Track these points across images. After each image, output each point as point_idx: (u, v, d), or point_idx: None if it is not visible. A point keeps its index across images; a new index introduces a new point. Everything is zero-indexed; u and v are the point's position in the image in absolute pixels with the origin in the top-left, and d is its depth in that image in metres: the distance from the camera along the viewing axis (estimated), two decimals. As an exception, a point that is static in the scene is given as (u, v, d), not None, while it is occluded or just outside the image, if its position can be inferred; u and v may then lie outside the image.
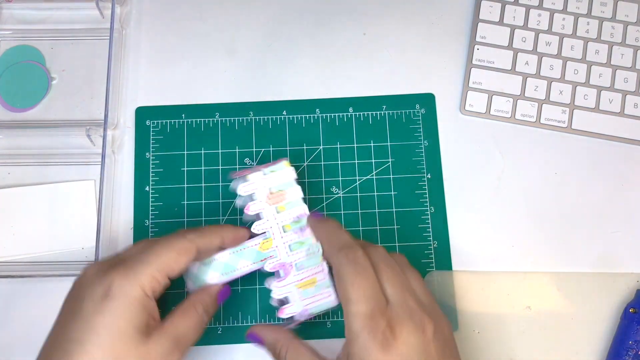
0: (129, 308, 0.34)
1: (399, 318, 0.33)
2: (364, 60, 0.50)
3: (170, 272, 0.36)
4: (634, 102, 0.49)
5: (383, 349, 0.32)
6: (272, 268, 0.40)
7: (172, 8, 0.52)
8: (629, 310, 0.43)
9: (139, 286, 0.34)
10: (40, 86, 0.50)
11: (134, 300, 0.34)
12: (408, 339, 0.33)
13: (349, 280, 0.34)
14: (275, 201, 0.41)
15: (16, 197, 0.47)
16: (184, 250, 0.37)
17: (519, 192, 0.48)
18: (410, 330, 0.33)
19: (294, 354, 0.36)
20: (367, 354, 0.32)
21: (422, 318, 0.34)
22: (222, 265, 0.40)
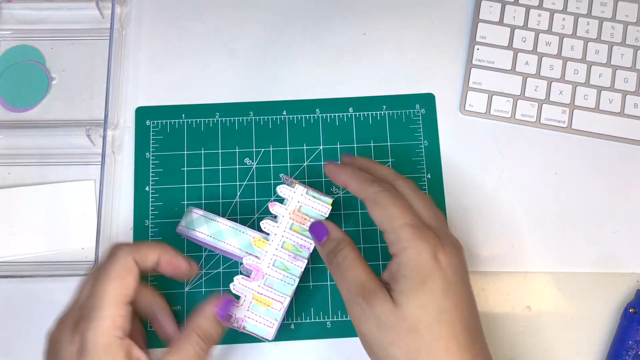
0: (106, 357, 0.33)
1: (439, 233, 0.35)
2: (364, 60, 0.50)
3: (126, 298, 0.36)
4: (634, 102, 0.49)
5: (434, 256, 0.34)
6: (248, 264, 0.40)
7: (172, 8, 0.52)
8: (629, 310, 0.43)
9: (106, 334, 0.34)
10: (40, 86, 0.50)
11: (109, 347, 0.34)
12: (450, 251, 0.35)
13: (389, 202, 0.36)
14: (296, 220, 0.41)
15: (16, 197, 0.47)
16: (124, 272, 0.36)
17: (519, 192, 0.48)
18: (451, 246, 0.35)
19: (355, 256, 0.37)
20: (422, 259, 0.34)
21: (454, 241, 0.36)
22: (217, 230, 0.40)
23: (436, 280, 0.33)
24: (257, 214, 0.46)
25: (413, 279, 0.34)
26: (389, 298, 0.34)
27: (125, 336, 0.35)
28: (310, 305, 0.45)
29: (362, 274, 0.36)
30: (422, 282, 0.33)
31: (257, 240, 0.41)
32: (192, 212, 0.42)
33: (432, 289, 0.33)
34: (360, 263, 0.36)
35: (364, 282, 0.35)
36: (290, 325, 0.45)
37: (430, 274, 0.33)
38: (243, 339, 0.44)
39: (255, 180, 0.47)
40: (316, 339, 0.44)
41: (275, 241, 0.41)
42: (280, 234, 0.41)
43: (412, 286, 0.33)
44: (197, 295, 0.45)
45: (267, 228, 0.41)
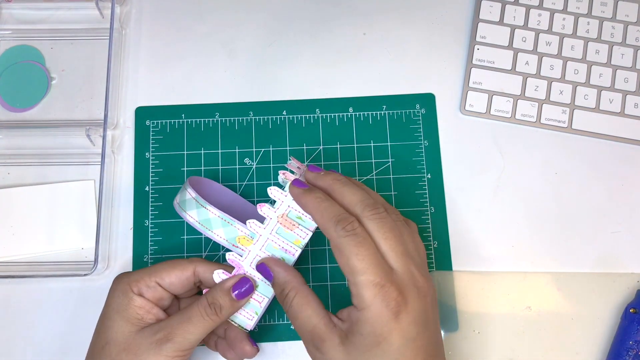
0: (115, 299, 0.38)
1: (405, 285, 0.34)
2: (364, 60, 0.50)
3: (160, 280, 0.39)
4: (634, 102, 0.49)
5: (395, 316, 0.33)
6: (230, 260, 0.40)
7: (172, 8, 0.52)
8: (629, 310, 0.43)
9: (126, 283, 0.38)
10: (40, 86, 0.50)
11: (119, 293, 0.38)
12: (414, 305, 0.34)
13: (352, 252, 0.34)
14: (283, 224, 0.40)
15: (16, 197, 0.47)
16: (179, 267, 0.39)
17: (519, 192, 0.48)
18: (415, 297, 0.34)
19: (301, 300, 0.36)
20: (381, 321, 0.33)
21: (422, 284, 0.35)
22: (206, 218, 0.40)
23: (393, 341, 0.33)
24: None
25: (369, 339, 0.33)
26: (339, 348, 0.34)
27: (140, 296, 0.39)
28: (310, 306, 0.45)
29: (310, 319, 0.35)
30: (377, 343, 0.33)
31: (241, 238, 0.40)
32: (187, 191, 0.41)
33: (387, 350, 0.33)
34: (309, 306, 0.36)
35: (313, 327, 0.35)
36: (290, 325, 0.45)
37: (387, 336, 0.33)
38: None
39: (255, 180, 0.47)
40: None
41: (259, 242, 0.40)
42: (265, 236, 0.39)
43: (367, 345, 0.33)
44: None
45: (253, 228, 0.40)
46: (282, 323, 0.45)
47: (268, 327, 0.45)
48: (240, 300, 0.38)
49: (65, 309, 0.45)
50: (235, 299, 0.38)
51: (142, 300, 0.38)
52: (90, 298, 0.45)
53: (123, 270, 0.46)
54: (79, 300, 0.45)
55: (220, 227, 0.40)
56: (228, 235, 0.40)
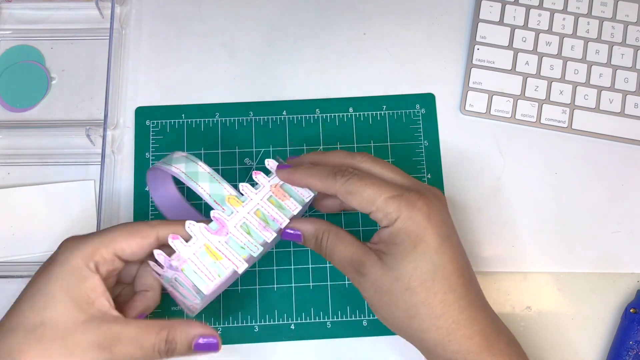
0: (63, 275, 0.33)
1: (421, 191, 0.36)
2: (364, 60, 0.50)
3: (120, 252, 0.35)
4: (635, 102, 0.49)
5: (426, 216, 0.34)
6: (215, 216, 0.37)
7: (172, 8, 0.52)
8: (630, 310, 0.43)
9: (79, 257, 0.34)
10: (40, 86, 0.50)
11: (70, 268, 0.34)
12: (437, 205, 0.36)
13: (361, 186, 0.35)
14: (276, 194, 0.39)
15: (16, 197, 0.47)
16: (139, 234, 0.36)
17: (519, 192, 0.48)
18: (434, 199, 0.36)
19: (334, 237, 0.37)
20: (413, 224, 0.34)
21: (436, 192, 0.37)
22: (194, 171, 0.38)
23: (429, 241, 0.34)
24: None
25: (405, 244, 0.34)
26: (378, 264, 0.35)
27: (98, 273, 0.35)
28: (310, 305, 0.45)
29: (347, 250, 0.37)
30: (414, 246, 0.34)
31: (231, 198, 0.38)
32: (175, 153, 0.39)
33: (425, 250, 0.34)
34: (342, 241, 0.37)
35: (351, 257, 0.36)
36: (290, 325, 0.45)
37: (422, 237, 0.34)
38: (243, 339, 0.44)
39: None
40: (316, 339, 0.44)
41: (249, 205, 0.38)
42: (256, 200, 0.38)
43: (404, 250, 0.34)
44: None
45: (245, 191, 0.38)
46: (282, 323, 0.45)
47: (268, 327, 0.45)
48: (197, 351, 0.34)
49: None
50: (194, 350, 0.34)
51: (96, 281, 0.34)
52: (90, 298, 0.45)
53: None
54: (79, 300, 0.45)
55: (207, 182, 0.38)
56: (213, 191, 0.38)
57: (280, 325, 0.45)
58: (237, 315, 0.45)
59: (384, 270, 0.35)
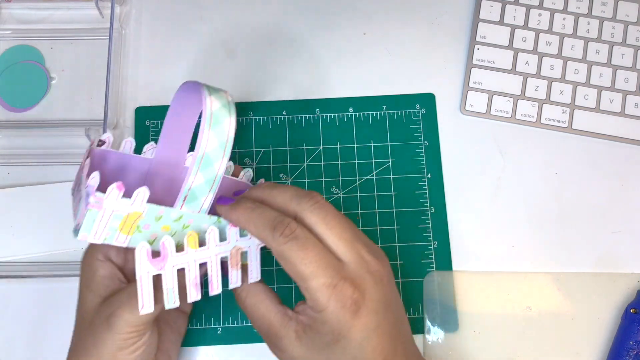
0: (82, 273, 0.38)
1: (359, 277, 0.33)
2: (364, 60, 0.50)
3: None
4: (635, 102, 0.49)
5: (354, 314, 0.32)
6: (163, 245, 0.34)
7: (172, 8, 0.52)
8: (630, 310, 0.43)
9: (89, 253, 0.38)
10: (40, 86, 0.50)
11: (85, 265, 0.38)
12: (372, 295, 0.33)
13: (297, 258, 0.32)
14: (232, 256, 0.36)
15: (16, 197, 0.47)
16: None
17: (519, 192, 0.48)
18: (372, 285, 0.33)
19: (253, 299, 0.36)
20: (340, 321, 0.32)
21: (376, 267, 0.34)
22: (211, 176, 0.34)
23: (353, 337, 0.32)
24: (257, 214, 0.46)
25: (327, 337, 0.32)
26: (296, 343, 0.33)
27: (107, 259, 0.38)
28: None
29: (265, 316, 0.35)
30: (336, 340, 0.32)
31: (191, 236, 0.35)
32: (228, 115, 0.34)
33: (346, 346, 0.32)
34: (262, 304, 0.35)
35: (269, 325, 0.34)
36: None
37: (346, 333, 0.32)
38: (243, 339, 0.44)
39: (255, 181, 0.47)
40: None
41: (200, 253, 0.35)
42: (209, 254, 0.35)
43: (325, 343, 0.33)
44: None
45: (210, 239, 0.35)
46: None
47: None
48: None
49: (65, 309, 0.45)
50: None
51: (107, 268, 0.37)
52: (90, 298, 0.45)
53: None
54: (79, 300, 0.45)
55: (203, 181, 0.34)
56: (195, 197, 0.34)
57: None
58: (237, 315, 0.45)
59: (303, 351, 0.33)
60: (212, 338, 0.44)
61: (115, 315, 0.34)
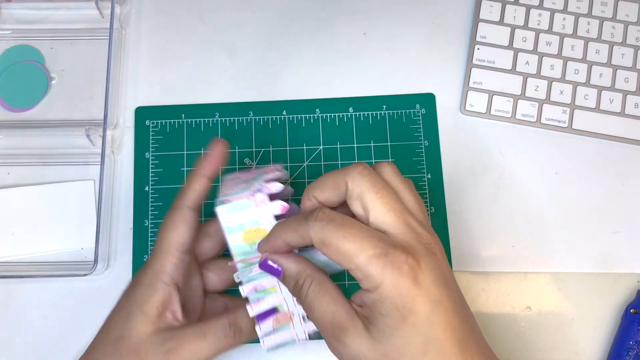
0: (139, 292, 0.36)
1: (410, 245, 0.30)
2: (364, 60, 0.50)
3: (181, 247, 0.36)
4: (635, 102, 0.49)
5: (413, 281, 0.29)
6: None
7: (172, 8, 0.52)
8: (630, 310, 0.43)
9: (150, 273, 0.36)
10: (40, 86, 0.50)
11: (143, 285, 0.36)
12: (428, 264, 0.30)
13: (338, 237, 0.30)
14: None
15: (16, 197, 0.47)
16: (179, 222, 0.37)
17: (519, 192, 0.48)
18: (425, 254, 0.30)
19: (317, 287, 0.32)
20: (400, 292, 0.29)
21: (427, 239, 0.31)
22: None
23: (419, 311, 0.29)
24: (257, 214, 0.46)
25: (392, 316, 0.29)
26: (364, 335, 0.30)
27: (173, 284, 0.36)
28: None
29: (329, 308, 0.31)
30: (403, 318, 0.29)
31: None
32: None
33: (415, 322, 0.29)
34: (326, 294, 0.32)
35: (332, 318, 0.31)
36: (290, 325, 0.44)
37: (411, 307, 0.29)
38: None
39: (255, 180, 0.47)
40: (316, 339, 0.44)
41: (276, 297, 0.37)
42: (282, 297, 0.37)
43: (392, 324, 0.29)
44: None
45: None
46: (282, 323, 0.45)
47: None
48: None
49: (65, 309, 0.45)
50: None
51: (166, 293, 0.35)
52: (90, 298, 0.45)
53: (123, 270, 0.46)
54: (79, 300, 0.45)
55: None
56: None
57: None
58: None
59: (370, 344, 0.30)
60: None
61: (176, 351, 0.34)
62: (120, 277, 0.46)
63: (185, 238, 0.37)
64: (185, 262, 0.37)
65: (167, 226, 0.37)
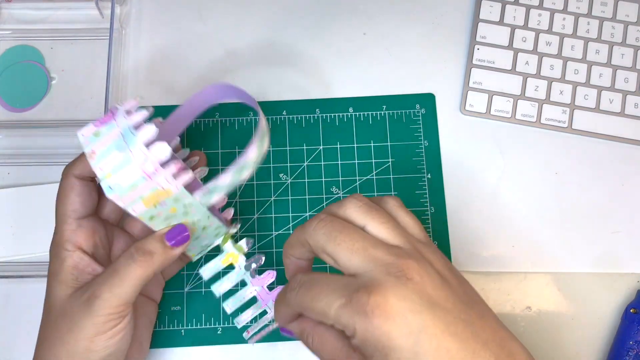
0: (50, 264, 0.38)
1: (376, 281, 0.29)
2: (364, 60, 0.50)
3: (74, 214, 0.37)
4: (635, 102, 0.49)
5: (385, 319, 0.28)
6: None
7: (172, 8, 0.52)
8: (630, 310, 0.43)
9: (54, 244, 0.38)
10: (40, 86, 0.50)
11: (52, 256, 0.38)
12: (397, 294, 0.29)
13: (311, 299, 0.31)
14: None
15: (16, 197, 0.47)
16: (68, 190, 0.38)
17: (519, 192, 0.48)
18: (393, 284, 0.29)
19: (319, 341, 0.33)
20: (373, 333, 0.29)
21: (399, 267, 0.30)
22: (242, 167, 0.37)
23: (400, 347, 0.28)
24: (257, 214, 0.46)
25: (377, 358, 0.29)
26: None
27: (77, 248, 0.37)
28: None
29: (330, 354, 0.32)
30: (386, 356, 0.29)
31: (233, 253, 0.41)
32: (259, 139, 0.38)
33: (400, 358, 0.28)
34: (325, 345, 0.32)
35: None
36: (290, 325, 0.45)
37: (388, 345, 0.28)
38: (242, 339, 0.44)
39: (255, 181, 0.47)
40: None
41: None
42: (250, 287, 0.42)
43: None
44: (196, 296, 0.45)
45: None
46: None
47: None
48: (175, 247, 0.36)
49: (65, 309, 0.45)
50: (169, 245, 0.36)
51: (76, 257, 0.37)
52: (90, 298, 0.45)
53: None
54: (79, 300, 0.45)
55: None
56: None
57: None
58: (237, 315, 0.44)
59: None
60: (212, 338, 0.44)
61: (94, 295, 0.34)
62: (120, 277, 0.46)
63: (76, 204, 0.37)
64: (86, 226, 0.37)
65: (58, 197, 0.38)
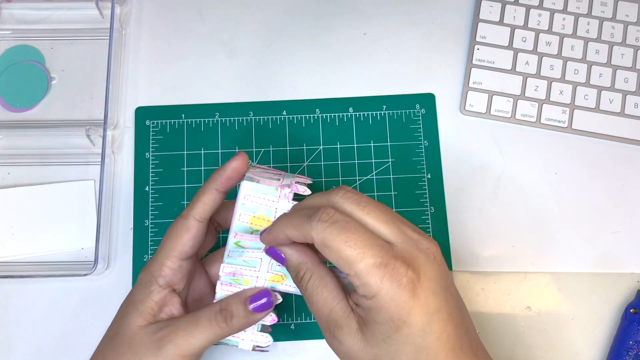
0: (136, 289, 0.37)
1: (411, 255, 0.30)
2: (364, 60, 0.50)
3: (180, 255, 0.37)
4: (634, 102, 0.49)
5: (412, 294, 0.29)
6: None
7: (172, 8, 0.52)
8: (630, 310, 0.43)
9: (150, 274, 0.36)
10: (40, 86, 0.50)
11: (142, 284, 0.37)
12: (428, 273, 0.30)
13: (340, 241, 0.30)
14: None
15: (16, 197, 0.47)
16: (183, 230, 0.37)
17: (519, 192, 0.48)
18: (426, 263, 0.30)
19: (317, 282, 0.32)
20: (397, 304, 0.29)
21: (427, 245, 0.31)
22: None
23: (414, 323, 0.29)
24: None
25: (386, 325, 0.29)
26: (357, 335, 0.31)
27: (169, 287, 0.37)
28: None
29: (326, 301, 0.32)
30: (397, 329, 0.29)
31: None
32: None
33: (409, 334, 0.29)
34: (325, 288, 0.32)
35: (329, 312, 0.32)
36: (290, 325, 0.45)
37: (406, 319, 0.29)
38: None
39: (255, 180, 0.47)
40: (316, 339, 0.44)
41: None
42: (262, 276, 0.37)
43: (385, 332, 0.30)
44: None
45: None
46: (281, 323, 0.45)
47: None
48: (256, 313, 0.35)
49: (65, 309, 0.45)
50: (251, 310, 0.35)
51: (164, 295, 0.36)
52: (90, 298, 0.45)
53: (123, 270, 0.46)
54: (79, 300, 0.45)
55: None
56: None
57: (280, 325, 0.45)
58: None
59: (362, 346, 0.30)
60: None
61: (169, 338, 0.34)
62: (120, 277, 0.46)
63: (186, 247, 0.37)
64: (185, 268, 0.37)
65: (170, 233, 0.37)
